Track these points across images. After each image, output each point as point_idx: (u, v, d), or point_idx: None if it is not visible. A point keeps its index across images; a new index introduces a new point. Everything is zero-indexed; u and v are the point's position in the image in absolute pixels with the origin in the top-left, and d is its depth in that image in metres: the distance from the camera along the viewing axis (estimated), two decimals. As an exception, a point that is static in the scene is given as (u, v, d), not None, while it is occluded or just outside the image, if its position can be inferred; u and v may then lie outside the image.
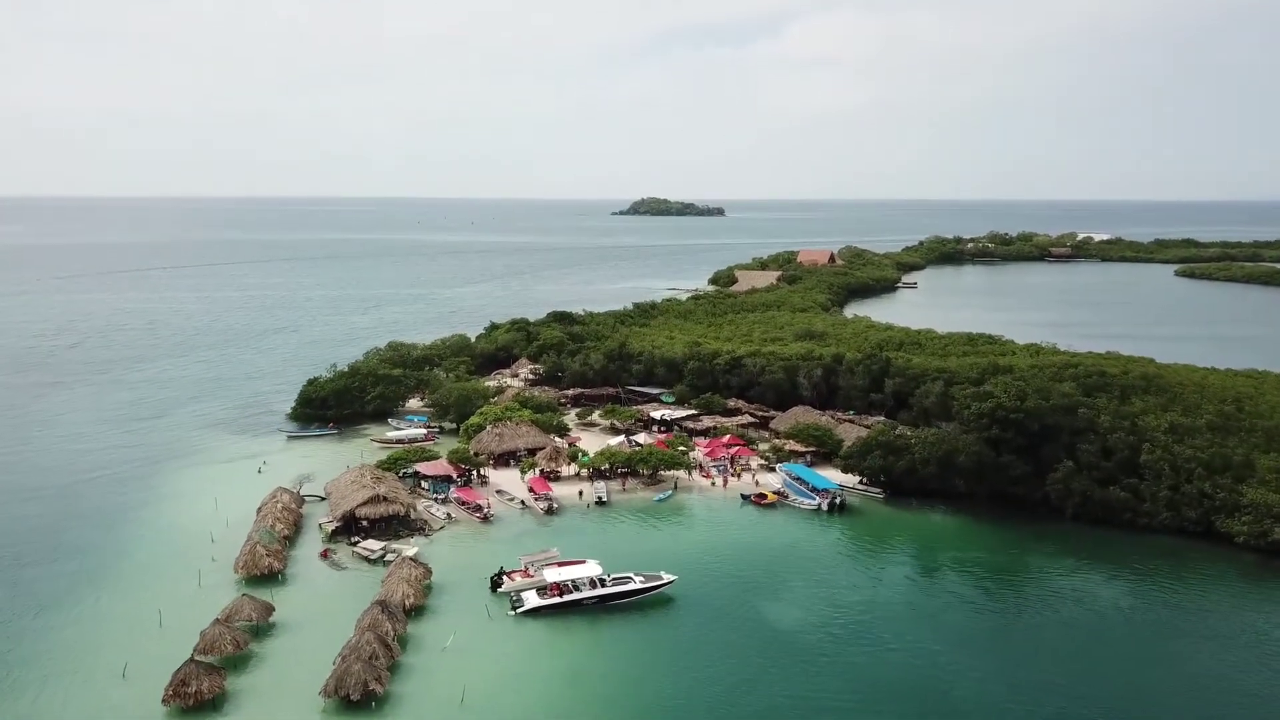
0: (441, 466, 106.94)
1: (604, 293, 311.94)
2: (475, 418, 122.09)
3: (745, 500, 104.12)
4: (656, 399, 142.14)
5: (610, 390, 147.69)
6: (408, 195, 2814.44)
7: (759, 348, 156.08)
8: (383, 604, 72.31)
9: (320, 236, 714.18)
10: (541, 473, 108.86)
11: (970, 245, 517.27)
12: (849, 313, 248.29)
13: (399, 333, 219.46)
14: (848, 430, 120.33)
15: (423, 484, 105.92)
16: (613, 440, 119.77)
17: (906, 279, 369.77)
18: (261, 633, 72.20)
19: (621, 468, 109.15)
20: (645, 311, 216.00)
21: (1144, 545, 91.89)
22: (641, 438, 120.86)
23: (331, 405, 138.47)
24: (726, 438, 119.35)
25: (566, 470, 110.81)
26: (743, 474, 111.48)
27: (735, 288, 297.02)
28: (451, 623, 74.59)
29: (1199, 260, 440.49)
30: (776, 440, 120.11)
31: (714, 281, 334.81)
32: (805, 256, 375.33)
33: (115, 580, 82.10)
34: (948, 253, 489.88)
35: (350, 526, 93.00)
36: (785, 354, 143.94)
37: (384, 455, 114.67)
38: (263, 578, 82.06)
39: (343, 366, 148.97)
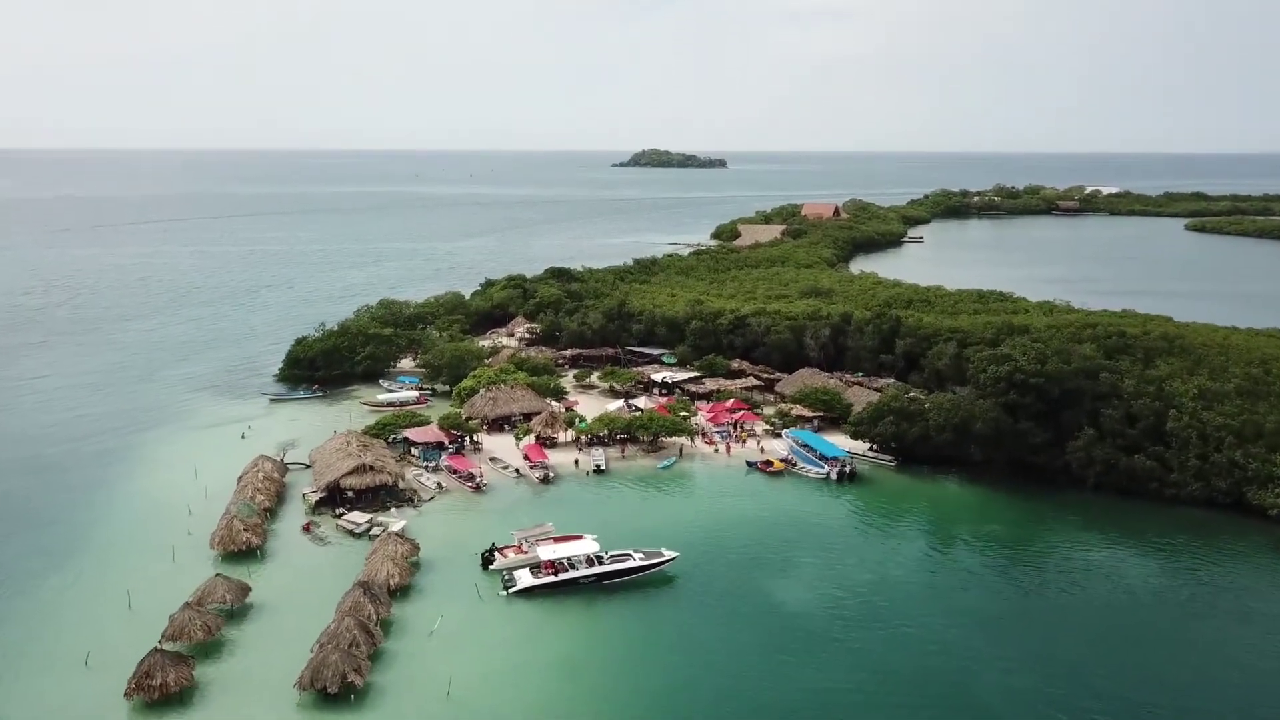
0: (432, 433, 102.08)
1: (604, 247, 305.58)
2: (468, 380, 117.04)
3: (751, 468, 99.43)
4: (657, 360, 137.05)
5: (609, 351, 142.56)
6: (405, 148, 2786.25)
7: (763, 306, 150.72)
8: (365, 585, 67.77)
9: (318, 190, 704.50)
10: (537, 439, 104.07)
11: (976, 199, 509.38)
12: (855, 268, 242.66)
13: (394, 289, 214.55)
14: (857, 394, 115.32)
15: (412, 451, 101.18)
16: (611, 405, 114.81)
17: (912, 233, 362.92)
18: (236, 616, 67.69)
19: (621, 434, 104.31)
20: (646, 268, 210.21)
21: (1171, 517, 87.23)
22: (641, 402, 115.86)
23: (320, 366, 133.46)
24: (730, 402, 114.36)
25: (563, 436, 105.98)
26: (747, 440, 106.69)
27: (738, 242, 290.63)
28: (439, 604, 70.12)
29: (1209, 214, 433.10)
30: (782, 404, 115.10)
31: (716, 236, 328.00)
32: (810, 210, 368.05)
33: (83, 557, 77.45)
34: (953, 206, 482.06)
35: (335, 497, 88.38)
36: (791, 313, 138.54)
37: (374, 419, 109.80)
38: (240, 554, 77.46)
39: (332, 325, 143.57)
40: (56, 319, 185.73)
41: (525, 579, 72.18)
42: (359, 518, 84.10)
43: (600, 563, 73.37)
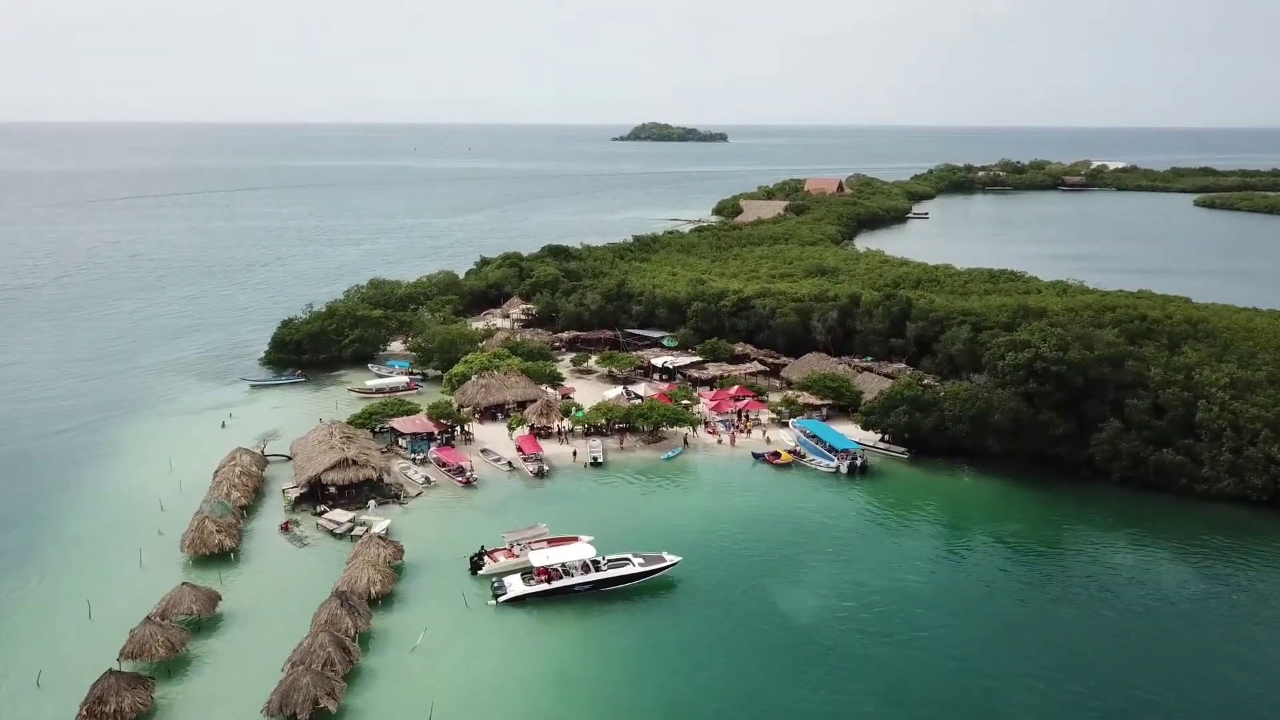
0: (420, 423, 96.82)
1: (603, 223, 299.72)
2: (460, 366, 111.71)
3: (757, 459, 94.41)
4: (658, 343, 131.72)
5: (608, 333, 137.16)
6: (402, 121, 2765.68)
7: (767, 285, 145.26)
8: (342, 595, 62.79)
9: (314, 164, 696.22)
10: (532, 429, 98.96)
11: (981, 174, 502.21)
12: (859, 245, 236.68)
13: (389, 266, 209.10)
14: (867, 380, 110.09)
15: (400, 442, 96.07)
16: (610, 392, 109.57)
17: (917, 209, 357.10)
18: (205, 629, 62.77)
19: (620, 423, 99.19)
20: (646, 245, 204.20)
21: (1203, 515, 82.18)
22: (641, 389, 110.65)
23: (307, 350, 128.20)
24: (734, 389, 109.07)
25: (559, 426, 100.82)
26: (752, 430, 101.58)
27: (740, 218, 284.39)
28: (423, 614, 65.21)
29: (1217, 189, 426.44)
30: (789, 391, 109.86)
31: (718, 212, 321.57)
32: (813, 185, 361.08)
33: (43, 561, 72.36)
34: (958, 181, 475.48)
35: (316, 493, 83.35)
36: (797, 294, 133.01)
37: (361, 407, 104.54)
38: (212, 557, 72.47)
39: (320, 306, 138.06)
40: (41, 299, 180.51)
41: (516, 586, 67.23)
42: (340, 516, 79.08)
43: (597, 569, 68.36)
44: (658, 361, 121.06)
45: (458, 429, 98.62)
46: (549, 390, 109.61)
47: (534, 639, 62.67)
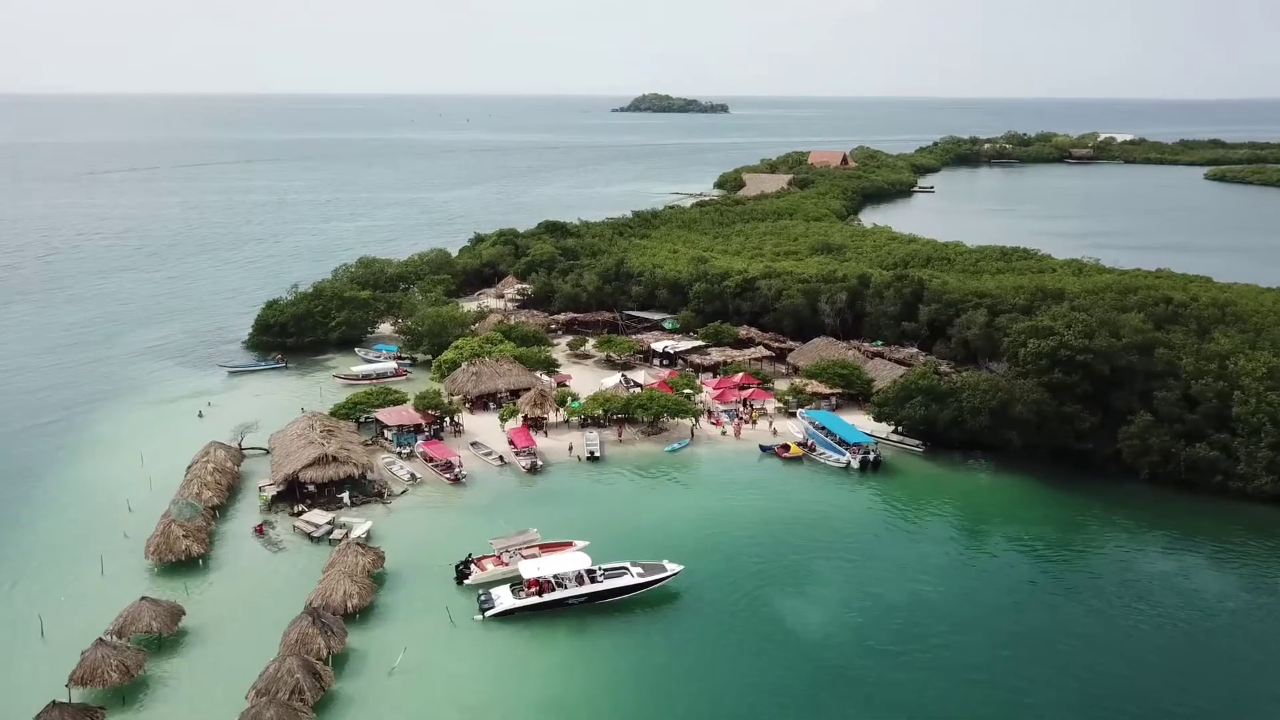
0: (406, 414, 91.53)
1: (602, 197, 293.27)
2: (450, 352, 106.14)
3: (765, 453, 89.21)
4: (658, 326, 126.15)
5: (606, 315, 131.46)
6: (399, 92, 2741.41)
7: (772, 264, 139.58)
8: (315, 613, 57.66)
9: (309, 136, 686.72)
10: (525, 420, 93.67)
11: (987, 146, 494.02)
12: (865, 219, 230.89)
13: (382, 243, 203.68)
14: (878, 367, 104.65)
15: (385, 434, 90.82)
16: (607, 380, 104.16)
17: (922, 182, 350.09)
18: (165, 648, 57.72)
19: (618, 414, 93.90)
20: (646, 221, 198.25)
21: (1240, 516, 77.01)
22: (640, 375, 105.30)
23: (292, 333, 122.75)
24: (738, 376, 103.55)
25: (554, 416, 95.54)
26: (757, 420, 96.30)
27: (743, 192, 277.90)
28: (404, 630, 60.17)
29: (1227, 162, 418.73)
30: (796, 379, 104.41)
31: (720, 185, 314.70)
32: (816, 158, 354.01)
33: (-4, 569, 67.39)
34: (963, 154, 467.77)
35: (294, 491, 78.16)
36: (804, 274, 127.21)
37: (347, 394, 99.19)
38: (180, 564, 67.38)
39: (307, 286, 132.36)
40: (23, 277, 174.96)
41: (505, 600, 62.11)
42: (319, 518, 73.92)
43: (592, 580, 63.24)
44: (658, 346, 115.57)
45: (447, 420, 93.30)
46: (543, 378, 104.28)
47: (523, 660, 57.61)
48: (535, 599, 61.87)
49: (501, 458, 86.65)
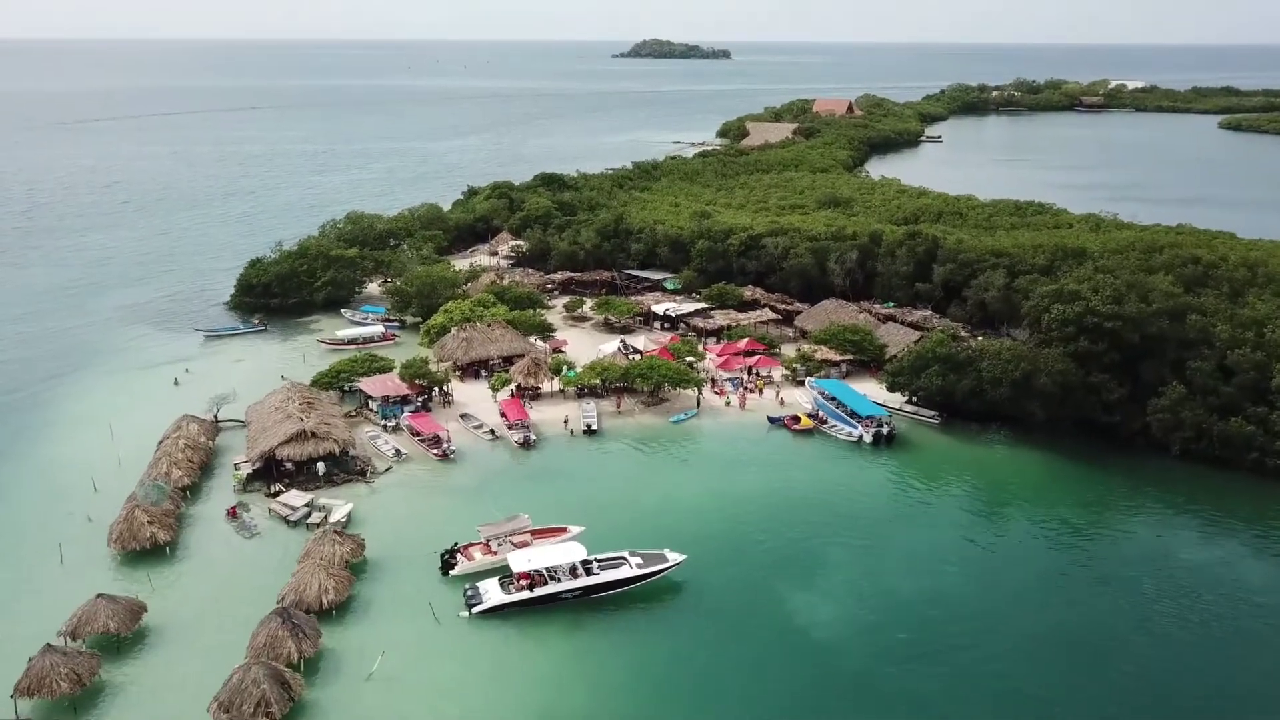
0: (392, 384, 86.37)
1: (602, 147, 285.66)
2: (439, 316, 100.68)
3: (774, 425, 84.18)
4: (659, 286, 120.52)
5: (604, 275, 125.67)
6: (395, 38, 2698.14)
7: (777, 219, 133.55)
8: (285, 613, 52.98)
9: (303, 83, 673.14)
10: (519, 389, 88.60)
11: (995, 94, 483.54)
12: (871, 170, 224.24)
13: (376, 196, 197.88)
14: (890, 332, 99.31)
15: (370, 404, 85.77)
16: (605, 346, 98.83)
17: (930, 131, 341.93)
18: (123, 650, 53.16)
19: (617, 383, 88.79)
20: (646, 173, 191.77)
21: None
22: (640, 341, 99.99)
23: (276, 293, 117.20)
24: (744, 342, 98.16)
25: (549, 386, 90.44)
26: (764, 389, 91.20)
27: (746, 142, 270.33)
28: (384, 628, 55.61)
29: (1241, 110, 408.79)
30: (804, 345, 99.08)
31: (723, 134, 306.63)
32: (821, 106, 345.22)
33: (-54, 560, 62.73)
34: (971, 102, 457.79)
35: (271, 469, 73.31)
36: (812, 231, 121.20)
37: (332, 360, 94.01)
38: (145, 552, 62.70)
39: (292, 244, 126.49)
40: (3, 235, 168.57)
41: (494, 595, 57.44)
42: (296, 500, 69.10)
43: (588, 572, 58.55)
44: (659, 309, 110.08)
45: (436, 390, 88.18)
46: (538, 343, 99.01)
47: (511, 665, 53.02)
48: (526, 594, 57.21)
49: (493, 431, 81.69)
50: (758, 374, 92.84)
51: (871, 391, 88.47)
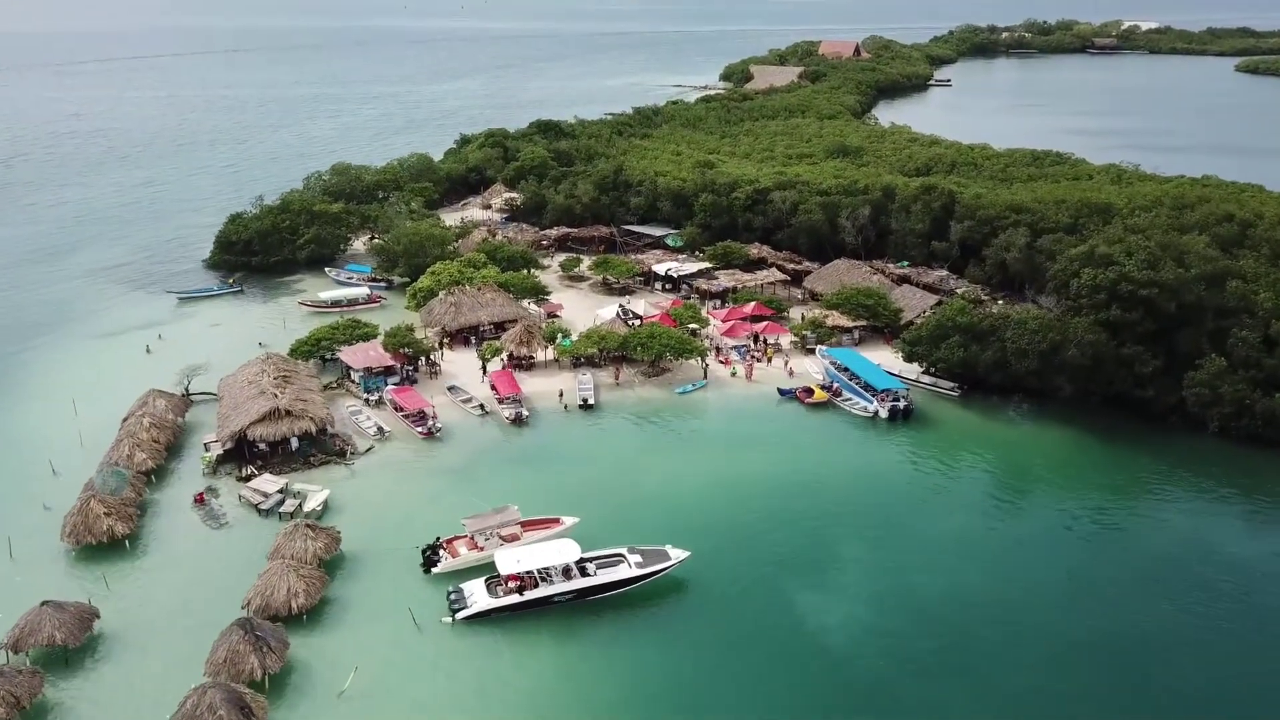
0: (375, 354, 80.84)
1: (601, 91, 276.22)
2: (426, 279, 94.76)
3: (785, 397, 78.82)
4: (660, 243, 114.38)
5: (603, 231, 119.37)
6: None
7: (784, 169, 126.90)
8: (248, 623, 48.09)
9: (298, 23, 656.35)
10: (510, 360, 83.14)
11: (1005, 35, 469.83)
12: (880, 116, 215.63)
13: (364, 144, 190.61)
14: (906, 295, 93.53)
15: (353, 376, 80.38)
16: (603, 310, 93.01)
17: (939, 75, 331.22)
18: (72, 664, 48.49)
19: (615, 352, 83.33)
20: (647, 119, 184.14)
21: (1329, 481, 67.24)
22: (640, 305, 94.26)
23: (257, 250, 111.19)
24: (750, 306, 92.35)
25: (542, 355, 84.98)
26: (773, 358, 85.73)
27: (751, 85, 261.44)
28: (359, 637, 50.80)
29: (1258, 52, 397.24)
30: (815, 309, 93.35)
31: (726, 78, 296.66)
32: (828, 48, 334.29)
33: (-116, 557, 57.80)
34: (980, 44, 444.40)
35: (243, 450, 68.17)
36: (823, 185, 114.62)
37: (314, 325, 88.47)
38: (102, 546, 57.81)
39: (274, 199, 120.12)
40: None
41: (480, 599, 52.51)
42: (268, 486, 64.04)
43: (582, 573, 53.63)
44: (660, 269, 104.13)
45: (422, 360, 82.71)
46: (532, 308, 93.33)
47: (500, 675, 48.34)
48: (515, 598, 52.32)
49: (482, 406, 76.40)
50: (765, 341, 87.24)
51: (886, 361, 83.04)
